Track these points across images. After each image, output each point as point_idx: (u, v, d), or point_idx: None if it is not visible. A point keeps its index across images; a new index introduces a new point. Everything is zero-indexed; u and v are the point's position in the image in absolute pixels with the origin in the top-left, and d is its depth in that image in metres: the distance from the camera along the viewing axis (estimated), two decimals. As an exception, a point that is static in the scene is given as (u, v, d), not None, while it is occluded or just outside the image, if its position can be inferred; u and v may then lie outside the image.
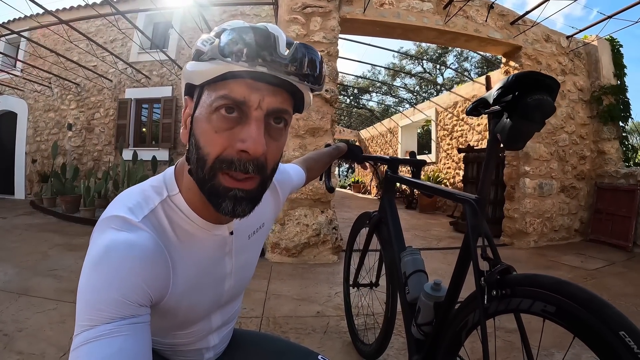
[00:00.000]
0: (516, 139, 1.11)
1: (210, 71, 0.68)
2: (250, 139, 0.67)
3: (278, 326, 2.83)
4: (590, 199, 6.73)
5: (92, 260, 0.66)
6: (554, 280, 0.98)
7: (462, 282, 1.37)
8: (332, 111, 4.99)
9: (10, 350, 2.34)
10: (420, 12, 5.53)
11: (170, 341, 0.96)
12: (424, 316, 1.52)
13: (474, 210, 1.27)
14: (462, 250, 1.35)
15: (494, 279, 1.09)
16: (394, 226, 1.97)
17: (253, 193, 0.73)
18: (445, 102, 12.07)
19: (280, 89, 0.70)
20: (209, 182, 0.71)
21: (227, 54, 0.65)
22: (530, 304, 0.99)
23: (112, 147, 11.06)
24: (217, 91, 0.68)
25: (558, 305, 0.93)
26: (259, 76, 0.66)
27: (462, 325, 1.24)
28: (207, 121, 0.70)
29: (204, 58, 0.69)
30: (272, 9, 8.33)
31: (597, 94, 6.62)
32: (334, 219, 4.97)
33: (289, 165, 1.32)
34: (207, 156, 0.70)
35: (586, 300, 0.88)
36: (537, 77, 1.06)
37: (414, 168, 2.01)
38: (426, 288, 1.51)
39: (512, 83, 1.08)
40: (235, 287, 0.99)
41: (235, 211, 0.72)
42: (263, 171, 0.72)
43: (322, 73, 0.73)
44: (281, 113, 0.72)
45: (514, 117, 1.09)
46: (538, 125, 1.09)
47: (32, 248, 5.13)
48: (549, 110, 1.05)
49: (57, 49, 10.19)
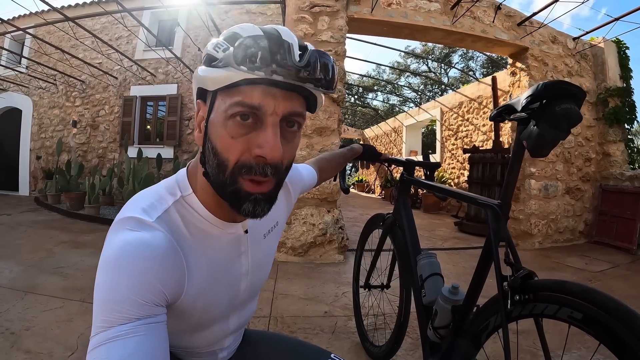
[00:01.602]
0: (542, 146, 1.13)
1: (225, 78, 0.68)
2: (268, 145, 0.68)
3: (286, 326, 2.83)
4: (595, 201, 6.71)
5: (106, 261, 0.66)
6: (582, 287, 0.99)
7: (481, 286, 1.38)
8: (339, 110, 4.98)
9: (18, 349, 2.34)
10: (428, 12, 5.51)
11: (186, 344, 0.96)
12: (441, 319, 1.53)
13: (496, 215, 1.28)
14: (483, 255, 1.36)
15: (517, 284, 1.10)
16: (409, 229, 1.96)
17: (271, 194, 0.75)
18: (451, 102, 12.04)
19: (294, 93, 0.71)
20: (230, 186, 0.72)
21: (242, 63, 0.65)
22: (556, 309, 1.01)
23: (116, 145, 11.09)
24: (231, 97, 0.69)
25: (585, 313, 0.94)
26: (273, 82, 0.67)
27: (482, 328, 1.26)
28: (223, 127, 0.70)
29: (217, 65, 0.69)
30: (278, 7, 8.33)
31: (602, 96, 6.59)
32: (340, 219, 4.97)
33: (301, 165, 1.33)
34: (226, 161, 0.71)
35: (614, 309, 0.89)
36: (565, 86, 1.08)
37: (428, 170, 2.01)
38: (444, 291, 1.52)
39: (541, 91, 1.09)
40: (250, 287, 0.99)
41: (255, 212, 0.73)
42: (280, 173, 0.74)
43: (335, 77, 0.73)
44: (295, 117, 0.73)
45: (541, 124, 1.10)
46: (564, 133, 1.10)
47: (37, 245, 5.14)
48: (575, 119, 1.07)
49: (63, 46, 10.23)
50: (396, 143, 17.87)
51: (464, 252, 5.63)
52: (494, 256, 1.23)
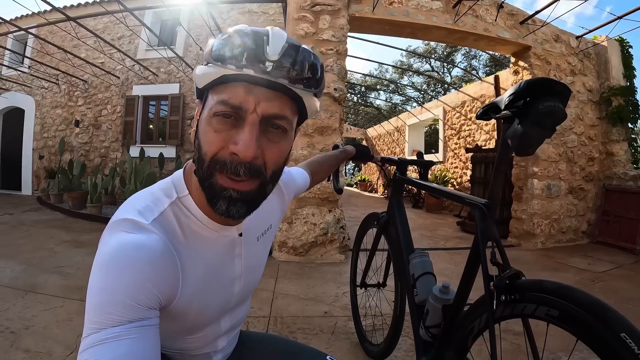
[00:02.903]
0: (527, 145, 1.12)
1: (208, 76, 0.70)
2: (242, 142, 0.67)
3: (286, 326, 2.83)
4: (598, 201, 6.68)
5: (101, 263, 0.66)
6: (557, 285, 1.00)
7: (471, 285, 1.38)
8: (341, 110, 4.98)
9: (17, 348, 2.34)
10: (430, 10, 5.49)
11: (179, 346, 0.96)
12: (432, 318, 1.54)
13: (483, 215, 1.28)
14: (472, 254, 1.37)
15: (504, 284, 1.10)
16: (402, 228, 1.97)
17: (249, 195, 0.73)
18: (453, 101, 12.01)
19: (279, 93, 0.69)
20: (207, 180, 0.72)
21: (217, 59, 0.67)
22: (534, 308, 1.02)
23: (119, 144, 11.11)
24: (218, 95, 0.70)
25: (561, 309, 0.95)
26: (255, 80, 0.67)
27: (469, 329, 1.26)
28: (208, 123, 0.71)
29: (204, 63, 0.71)
30: (280, 6, 8.32)
31: (606, 95, 6.56)
32: (342, 218, 4.96)
33: (294, 168, 1.33)
34: (205, 155, 0.71)
35: (588, 304, 0.91)
36: (548, 83, 1.07)
37: (422, 169, 2.01)
38: (435, 291, 1.53)
39: (524, 89, 1.08)
40: (244, 290, 0.99)
41: (229, 212, 0.71)
42: (258, 175, 0.72)
43: (318, 74, 0.72)
44: (278, 119, 0.71)
45: (525, 123, 1.09)
46: (549, 131, 1.09)
47: (38, 244, 5.16)
48: (560, 116, 1.06)
49: (65, 46, 10.27)
50: (399, 142, 17.85)
51: (466, 252, 5.56)
52: (481, 256, 1.23)
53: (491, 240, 1.23)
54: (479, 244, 1.25)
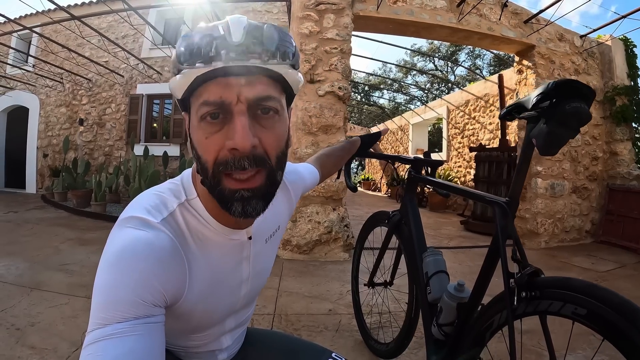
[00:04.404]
0: (552, 145, 1.13)
1: (181, 83, 0.68)
2: (237, 135, 0.66)
3: (290, 324, 2.83)
4: (602, 200, 6.65)
5: (108, 259, 0.66)
6: (586, 283, 1.00)
7: (487, 284, 1.39)
8: (345, 108, 4.98)
9: (23, 344, 2.35)
10: (434, 9, 5.49)
11: (183, 343, 0.96)
12: (446, 317, 1.53)
13: (504, 212, 1.28)
14: (490, 252, 1.37)
15: (524, 281, 1.10)
16: (415, 227, 1.96)
17: (261, 190, 0.72)
18: (457, 100, 11.99)
19: (257, 75, 0.68)
20: (215, 187, 0.71)
21: (184, 61, 0.66)
22: (560, 306, 1.01)
23: (123, 142, 11.16)
24: (198, 98, 0.68)
25: (589, 309, 0.94)
26: (229, 70, 0.65)
27: (487, 326, 1.26)
28: (198, 129, 0.70)
29: (175, 72, 0.69)
30: (283, 5, 8.33)
31: (610, 95, 6.53)
32: (346, 217, 4.97)
33: (301, 164, 1.30)
34: (206, 164, 0.70)
35: (618, 305, 0.90)
36: (575, 85, 1.08)
37: (430, 168, 2.01)
38: (450, 289, 1.52)
39: (552, 89, 1.10)
40: (250, 292, 0.99)
41: (246, 211, 0.71)
42: (263, 163, 0.70)
43: (289, 47, 0.70)
44: (265, 100, 0.69)
45: (551, 123, 1.11)
46: (573, 131, 1.11)
47: (43, 242, 5.18)
48: (585, 117, 1.08)
49: (69, 45, 10.27)
50: (402, 141, 17.84)
51: (470, 250, 5.61)
52: (501, 253, 1.23)
53: (510, 238, 1.24)
54: (499, 242, 1.26)
